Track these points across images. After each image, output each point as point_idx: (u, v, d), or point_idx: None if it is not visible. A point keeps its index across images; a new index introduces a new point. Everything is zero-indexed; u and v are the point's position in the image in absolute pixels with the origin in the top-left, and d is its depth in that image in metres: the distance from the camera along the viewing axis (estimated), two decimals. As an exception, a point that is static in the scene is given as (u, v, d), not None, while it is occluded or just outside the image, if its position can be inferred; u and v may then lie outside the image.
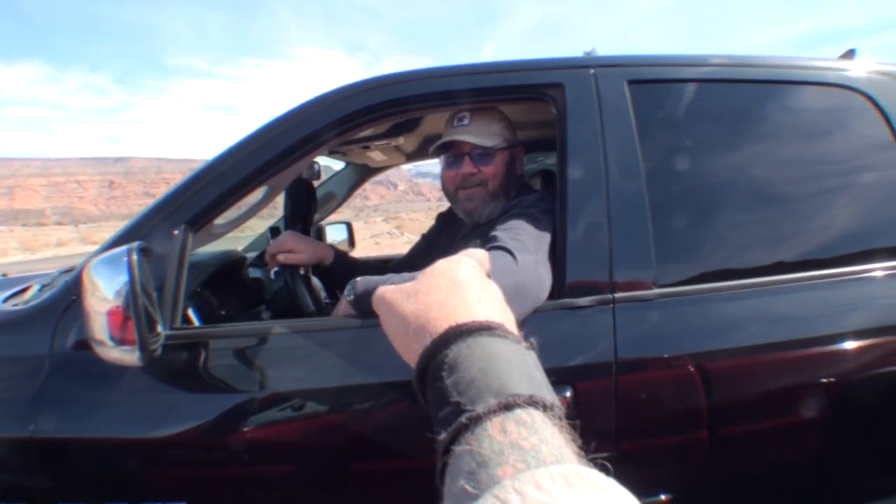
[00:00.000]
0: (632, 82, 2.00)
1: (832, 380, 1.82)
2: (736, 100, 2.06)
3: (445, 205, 2.69)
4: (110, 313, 1.56)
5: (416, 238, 2.82)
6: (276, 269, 3.02)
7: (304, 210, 3.10)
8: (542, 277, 1.80)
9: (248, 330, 1.94)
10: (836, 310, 1.88)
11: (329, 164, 3.77)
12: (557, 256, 1.87)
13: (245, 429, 1.75)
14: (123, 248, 1.60)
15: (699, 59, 2.09)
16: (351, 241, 4.26)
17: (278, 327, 1.84)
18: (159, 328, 1.70)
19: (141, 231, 1.88)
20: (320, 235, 3.94)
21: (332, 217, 4.27)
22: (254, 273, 3.07)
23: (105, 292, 1.56)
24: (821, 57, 2.18)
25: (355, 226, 4.45)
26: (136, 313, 1.56)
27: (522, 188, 2.36)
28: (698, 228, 1.95)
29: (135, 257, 1.57)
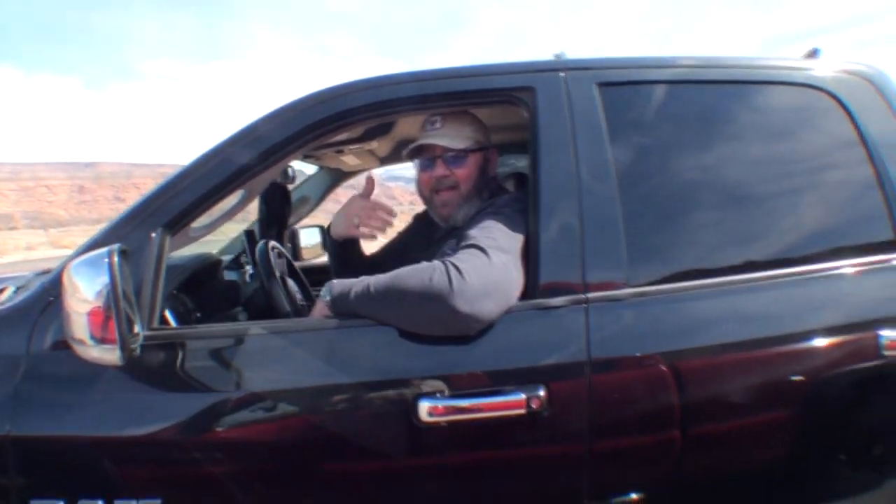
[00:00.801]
0: (601, 84, 2.03)
1: (802, 377, 1.86)
2: (704, 100, 2.10)
3: (417, 209, 2.72)
4: (91, 313, 1.59)
5: (387, 241, 2.85)
6: (250, 271, 3.04)
7: (279, 214, 3.14)
8: (514, 276, 1.84)
9: (226, 331, 1.97)
10: (805, 307, 1.92)
11: (302, 169, 3.79)
12: (530, 257, 1.90)
13: (221, 428, 1.78)
14: (104, 249, 1.63)
15: (667, 60, 2.13)
16: (325, 245, 4.29)
17: (255, 328, 1.87)
18: (137, 328, 1.72)
19: (119, 234, 1.90)
20: (294, 239, 3.96)
21: (306, 221, 4.29)
22: (229, 276, 3.09)
23: (85, 293, 1.59)
24: (786, 56, 2.23)
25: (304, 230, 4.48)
26: (116, 313, 1.59)
27: (496, 190, 2.40)
28: (669, 228, 1.98)
29: (115, 259, 1.60)
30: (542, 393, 1.74)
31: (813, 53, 2.28)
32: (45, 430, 1.80)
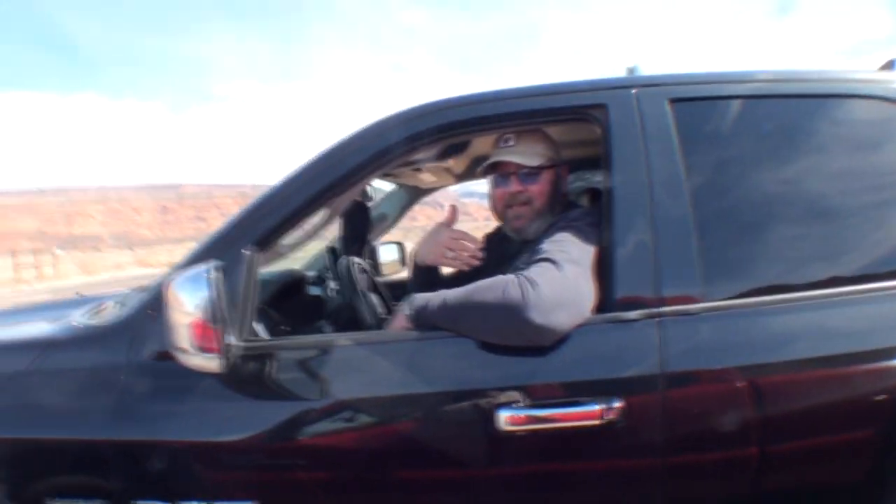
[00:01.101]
0: (674, 100, 2.04)
1: (885, 396, 1.83)
2: (779, 115, 2.08)
3: (492, 224, 2.78)
4: (193, 325, 1.72)
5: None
6: (333, 286, 3.15)
7: (360, 231, 3.24)
8: (585, 288, 1.88)
9: (313, 342, 2.08)
10: (889, 324, 1.89)
11: (380, 187, 3.89)
12: (605, 271, 1.94)
13: (309, 435, 1.89)
14: (203, 266, 1.76)
15: (741, 75, 2.13)
16: (403, 261, 4.38)
17: (342, 339, 1.97)
18: (233, 339, 1.84)
19: (213, 251, 2.01)
20: (374, 255, 4.06)
21: (385, 238, 4.39)
22: (313, 290, 3.20)
23: (188, 306, 1.72)
24: (863, 69, 2.19)
25: (405, 245, 4.57)
26: (217, 325, 1.73)
27: (568, 205, 2.45)
28: (744, 243, 1.97)
29: (215, 274, 1.74)
30: (617, 405, 1.77)
31: (890, 65, 2.26)
32: (147, 436, 1.92)
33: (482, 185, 2.96)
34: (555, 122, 2.31)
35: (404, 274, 4.42)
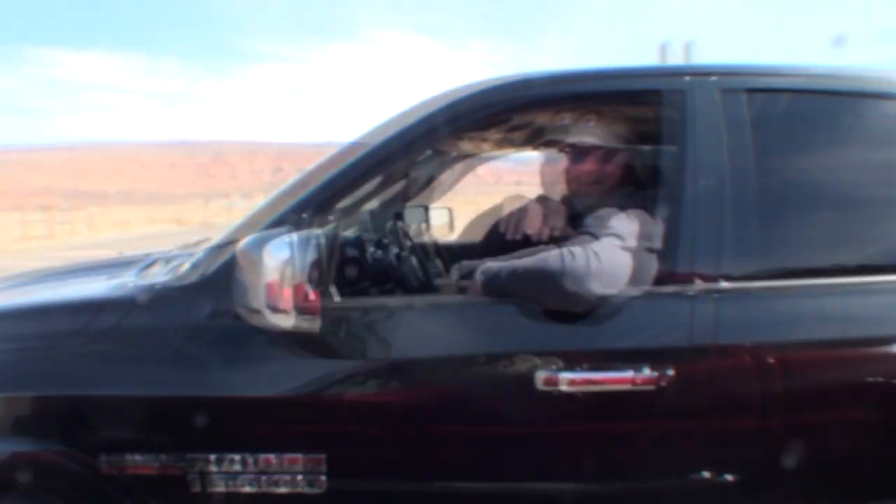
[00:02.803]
0: (749, 91, 2.08)
1: None
2: (840, 108, 2.16)
3: (522, 189, 2.80)
4: (268, 286, 1.74)
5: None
6: (397, 251, 3.17)
7: (403, 194, 3.24)
8: (622, 261, 1.96)
9: (387, 304, 2.17)
10: None
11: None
12: (669, 248, 2.00)
13: (379, 391, 2.01)
14: (282, 229, 1.81)
15: (808, 69, 2.20)
16: (451, 226, 4.40)
17: (415, 301, 2.12)
18: (312, 299, 1.87)
19: (274, 214, 2.06)
20: (427, 220, 4.05)
21: (437, 203, 4.38)
22: (352, 253, 3.20)
23: (267, 269, 1.73)
24: None
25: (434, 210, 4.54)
26: (294, 285, 1.78)
27: (620, 184, 2.49)
28: (801, 228, 2.08)
29: (294, 237, 1.78)
30: (671, 372, 1.84)
31: None
32: (225, 391, 1.99)
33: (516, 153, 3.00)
34: (634, 104, 2.37)
35: (452, 238, 4.44)
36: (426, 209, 3.85)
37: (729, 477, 1.92)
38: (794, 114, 2.13)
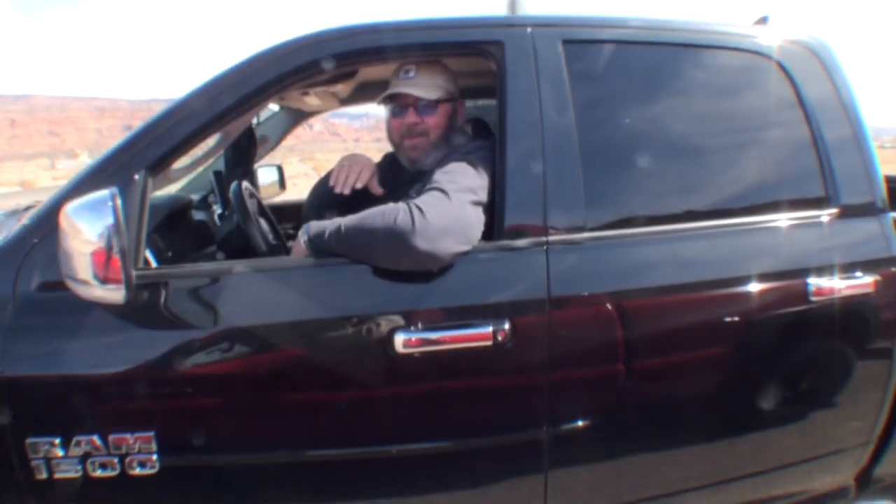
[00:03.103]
0: (566, 42, 2.15)
1: (738, 319, 2.10)
2: (659, 60, 2.26)
3: (361, 145, 2.82)
4: (94, 254, 1.67)
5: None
6: (220, 212, 3.11)
7: (246, 154, 3.19)
8: (472, 217, 1.99)
9: (210, 270, 2.07)
10: (746, 254, 2.14)
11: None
12: (496, 202, 2.05)
13: (208, 362, 1.91)
14: (105, 192, 1.70)
15: (628, 21, 2.26)
16: (282, 184, 4.35)
17: (239, 266, 1.99)
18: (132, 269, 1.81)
19: (103, 176, 1.95)
20: (253, 179, 4.00)
21: (265, 160, 4.33)
22: (198, 215, 3.15)
23: (88, 235, 1.66)
24: (735, 23, 2.39)
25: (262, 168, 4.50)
26: (122, 254, 1.69)
27: (461, 137, 2.50)
28: (623, 178, 2.17)
29: (118, 201, 1.69)
30: (506, 326, 1.90)
31: (762, 20, 2.44)
32: (39, 370, 1.88)
33: (353, 108, 2.98)
34: (453, 55, 2.40)
35: (283, 197, 4.39)
36: (259, 169, 3.80)
37: (580, 423, 2.04)
38: (612, 65, 2.20)
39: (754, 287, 2.09)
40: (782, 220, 2.19)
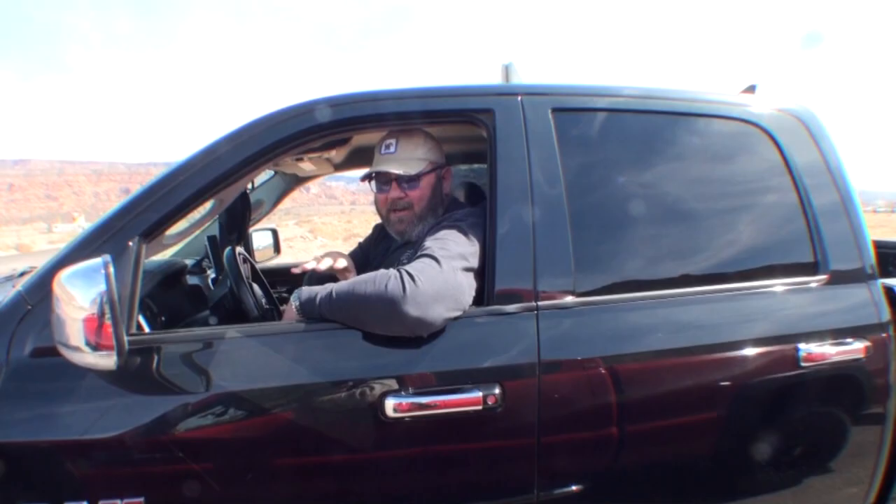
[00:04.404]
0: (555, 110, 2.20)
1: (729, 383, 2.10)
2: (649, 128, 2.30)
3: (357, 208, 2.85)
4: (86, 320, 1.69)
5: (328, 242, 2.97)
6: (213, 276, 3.13)
7: (240, 219, 3.22)
8: (464, 283, 2.00)
9: (203, 335, 2.06)
10: (736, 319, 2.15)
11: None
12: (487, 267, 2.07)
13: (200, 427, 1.90)
14: (98, 260, 1.72)
15: (617, 90, 2.31)
16: (276, 247, 4.38)
17: (231, 332, 1.99)
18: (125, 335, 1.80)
19: (97, 243, 1.98)
20: (248, 242, 4.03)
21: (257, 224, 4.36)
22: (192, 280, 3.17)
23: (81, 302, 1.68)
24: (724, 92, 2.45)
25: (278, 231, 4.54)
26: (114, 321, 1.70)
27: (451, 204, 2.54)
28: (612, 242, 2.19)
29: (111, 269, 1.71)
30: (496, 390, 1.92)
31: (750, 89, 2.51)
32: (29, 436, 1.87)
33: (351, 171, 3.00)
34: (443, 123, 2.45)
35: (278, 261, 4.41)
36: (255, 232, 3.83)
37: (573, 488, 2.03)
38: (602, 132, 2.24)
39: (745, 352, 2.09)
40: (772, 285, 2.20)
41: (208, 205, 2.75)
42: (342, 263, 2.52)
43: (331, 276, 2.56)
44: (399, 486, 2.01)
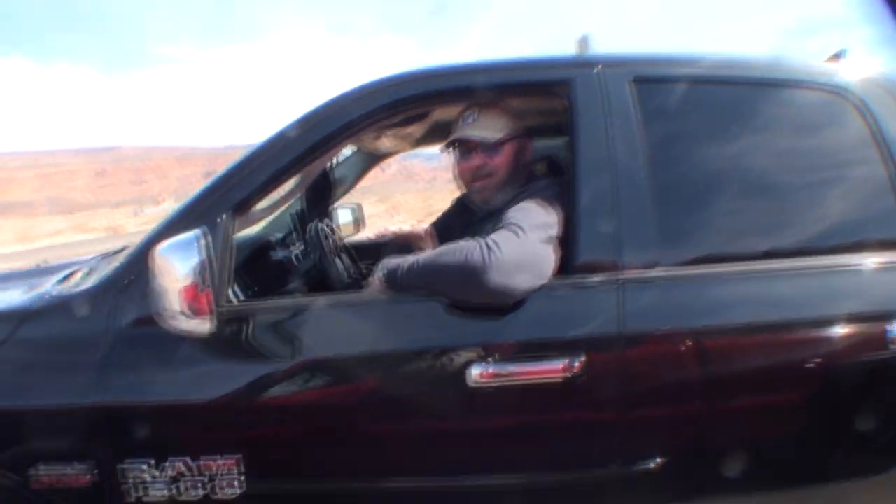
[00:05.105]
0: (636, 80, 2.14)
1: (816, 361, 2.02)
2: (732, 97, 2.23)
3: (436, 185, 2.85)
4: (183, 290, 1.78)
5: (408, 219, 3.00)
6: (299, 251, 3.21)
7: (323, 195, 3.29)
8: (545, 254, 2.00)
9: (291, 304, 2.18)
10: (823, 296, 2.05)
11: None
12: (569, 238, 2.06)
13: (287, 392, 1.99)
14: (192, 233, 1.83)
15: (699, 58, 2.26)
16: (360, 223, 4.43)
17: (318, 301, 2.08)
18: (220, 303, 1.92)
19: (190, 217, 2.07)
20: (331, 218, 4.08)
21: (340, 200, 4.40)
22: (278, 255, 3.25)
23: (178, 272, 1.78)
24: (810, 59, 2.35)
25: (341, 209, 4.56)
26: (209, 290, 1.81)
27: (531, 175, 2.53)
28: (697, 216, 2.14)
29: (206, 240, 1.82)
30: (579, 362, 1.90)
31: (837, 56, 2.41)
32: (130, 398, 2.00)
33: (428, 148, 3.02)
34: (523, 95, 2.43)
35: (361, 236, 4.47)
36: (338, 209, 3.88)
37: (653, 464, 1.99)
38: (684, 102, 2.18)
39: (831, 330, 2.01)
40: (861, 262, 2.10)
41: (293, 182, 2.81)
42: (421, 233, 2.55)
43: (409, 248, 2.59)
44: (480, 453, 2.04)
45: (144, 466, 1.97)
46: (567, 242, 2.06)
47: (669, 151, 2.14)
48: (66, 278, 2.60)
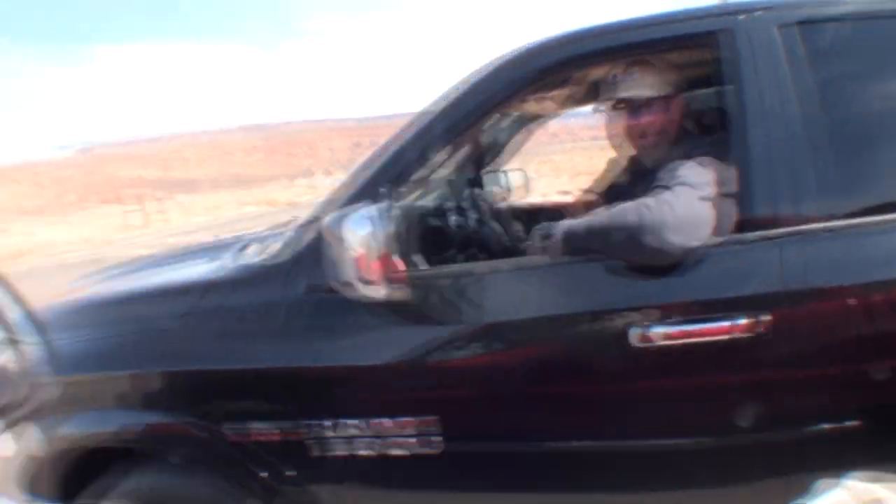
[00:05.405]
0: (799, 23, 2.03)
1: None
2: (889, 33, 2.08)
3: (598, 143, 2.80)
4: (357, 259, 1.86)
5: (572, 180, 2.96)
6: (455, 217, 3.26)
7: (477, 161, 3.32)
8: (701, 213, 1.96)
9: (457, 270, 2.26)
10: None
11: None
12: (745, 192, 1.98)
13: (456, 356, 2.09)
14: (361, 206, 1.93)
15: None
16: (528, 188, 4.44)
17: (483, 266, 2.18)
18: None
19: (355, 190, 2.17)
20: (493, 182, 4.10)
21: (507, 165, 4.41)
22: (434, 221, 3.31)
23: (351, 243, 1.86)
24: None
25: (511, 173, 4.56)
26: (381, 258, 1.90)
27: (685, 132, 2.48)
28: (880, 161, 2.03)
29: (375, 212, 1.90)
30: (746, 320, 1.86)
31: None
32: (328, 361, 2.14)
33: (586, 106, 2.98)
34: (679, 49, 2.34)
35: (529, 200, 4.48)
36: (503, 173, 3.90)
37: (850, 423, 1.91)
38: (852, 41, 2.07)
39: None
40: None
41: (448, 150, 2.85)
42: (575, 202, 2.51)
43: (562, 213, 2.58)
44: (649, 415, 2.04)
45: (324, 425, 2.09)
46: (743, 196, 1.99)
47: (832, 97, 2.03)
48: (242, 250, 2.76)
